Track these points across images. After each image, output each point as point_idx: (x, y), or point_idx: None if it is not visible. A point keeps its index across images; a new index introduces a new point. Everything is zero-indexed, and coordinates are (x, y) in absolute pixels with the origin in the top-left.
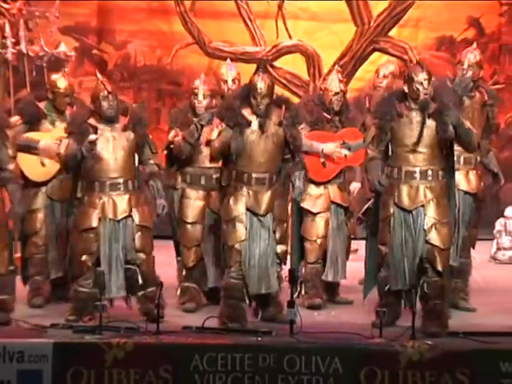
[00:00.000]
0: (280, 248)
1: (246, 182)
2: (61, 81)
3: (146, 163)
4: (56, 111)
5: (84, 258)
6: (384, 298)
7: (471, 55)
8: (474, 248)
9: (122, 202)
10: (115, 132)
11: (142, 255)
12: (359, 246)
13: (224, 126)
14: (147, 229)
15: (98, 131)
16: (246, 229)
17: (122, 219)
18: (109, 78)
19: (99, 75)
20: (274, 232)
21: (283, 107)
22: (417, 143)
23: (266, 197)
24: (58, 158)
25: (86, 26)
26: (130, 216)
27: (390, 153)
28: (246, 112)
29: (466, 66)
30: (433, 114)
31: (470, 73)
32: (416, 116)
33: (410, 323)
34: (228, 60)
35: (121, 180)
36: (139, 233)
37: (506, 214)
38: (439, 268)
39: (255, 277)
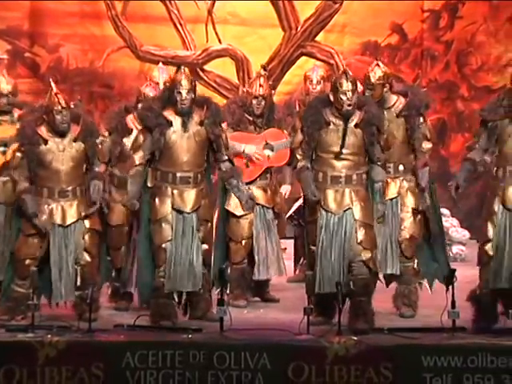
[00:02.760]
0: (202, 247)
1: (171, 181)
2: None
3: (91, 169)
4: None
5: (28, 261)
6: (314, 297)
7: (370, 76)
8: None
9: (70, 208)
10: (65, 143)
11: (87, 256)
12: (287, 244)
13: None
14: (97, 232)
15: (49, 143)
16: (172, 228)
17: (70, 224)
18: (42, 80)
19: (53, 86)
20: (198, 231)
21: (204, 107)
22: (340, 151)
23: (191, 195)
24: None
25: (19, 30)
26: (79, 220)
27: (314, 156)
28: (169, 113)
29: (369, 85)
30: (360, 122)
31: (371, 93)
32: (343, 124)
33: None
34: (160, 63)
35: (69, 188)
36: (88, 234)
37: None
38: (372, 267)
39: (180, 275)
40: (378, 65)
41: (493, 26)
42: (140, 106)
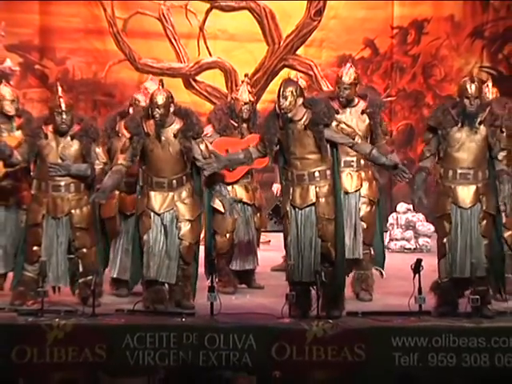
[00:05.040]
0: (182, 244)
1: (149, 184)
2: (4, 89)
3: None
4: (5, 118)
5: (35, 248)
6: (294, 287)
7: (346, 77)
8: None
9: (62, 202)
10: (64, 140)
11: (84, 250)
12: (271, 237)
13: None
14: (85, 229)
15: (49, 138)
16: (151, 221)
17: (61, 217)
18: (50, 90)
19: (60, 89)
20: (177, 228)
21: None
22: (295, 151)
23: (163, 198)
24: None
25: (30, 44)
26: (69, 215)
27: (283, 158)
28: (149, 124)
29: (342, 88)
30: (309, 123)
31: (346, 92)
32: (295, 127)
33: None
34: (150, 75)
35: (62, 183)
36: (77, 233)
37: (397, 209)
38: (333, 259)
39: (156, 264)
40: (351, 67)
41: (455, 42)
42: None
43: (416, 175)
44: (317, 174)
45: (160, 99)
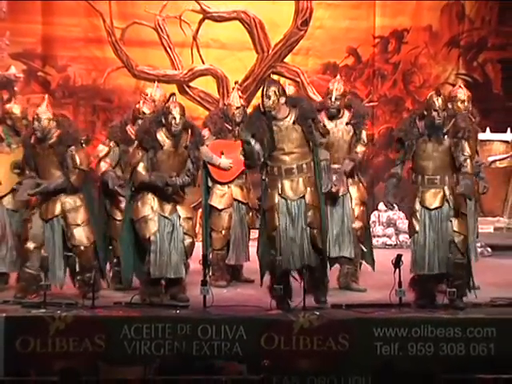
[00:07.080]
0: (187, 239)
1: (154, 190)
2: (15, 107)
3: (66, 175)
4: (14, 134)
5: (27, 244)
6: (279, 278)
7: (336, 90)
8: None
9: (53, 205)
10: (45, 148)
11: (81, 247)
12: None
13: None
14: (80, 227)
15: (36, 147)
16: (155, 221)
17: (51, 218)
18: (52, 96)
19: (46, 100)
20: (181, 227)
21: (189, 131)
22: (283, 147)
23: (169, 202)
24: None
25: (33, 52)
26: (61, 216)
27: (268, 155)
28: (161, 134)
29: (333, 99)
30: (297, 119)
31: (337, 103)
32: (283, 124)
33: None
34: (156, 83)
35: None
36: (74, 230)
37: (379, 207)
38: (320, 246)
39: (163, 262)
40: (340, 79)
41: (433, 50)
42: (139, 122)
43: (387, 181)
44: (304, 166)
45: (179, 114)
